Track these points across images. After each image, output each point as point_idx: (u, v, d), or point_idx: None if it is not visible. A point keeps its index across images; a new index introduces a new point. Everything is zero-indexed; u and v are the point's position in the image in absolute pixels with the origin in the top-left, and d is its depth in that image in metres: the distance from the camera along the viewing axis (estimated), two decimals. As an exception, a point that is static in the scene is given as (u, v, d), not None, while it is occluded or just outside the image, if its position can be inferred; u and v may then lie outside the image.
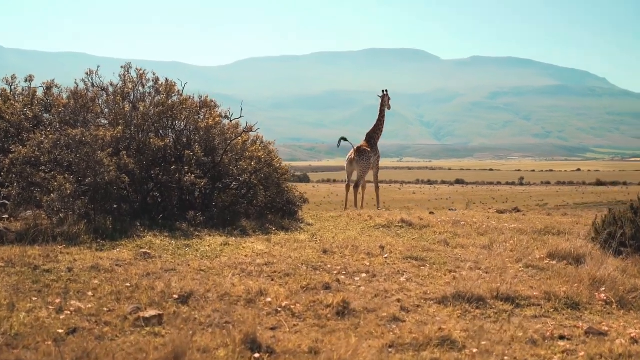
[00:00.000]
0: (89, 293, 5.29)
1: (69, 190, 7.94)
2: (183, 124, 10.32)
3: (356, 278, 6.37)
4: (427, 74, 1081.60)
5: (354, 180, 15.26)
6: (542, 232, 10.17)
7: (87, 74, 10.12)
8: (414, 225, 10.56)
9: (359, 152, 14.91)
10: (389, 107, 16.01)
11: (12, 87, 10.21)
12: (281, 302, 5.27)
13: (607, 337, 4.70)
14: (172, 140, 10.03)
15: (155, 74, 10.40)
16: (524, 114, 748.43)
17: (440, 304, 5.51)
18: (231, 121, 11.05)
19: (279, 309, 5.13)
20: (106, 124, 9.84)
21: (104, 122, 9.93)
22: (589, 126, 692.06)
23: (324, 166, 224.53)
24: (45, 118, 9.61)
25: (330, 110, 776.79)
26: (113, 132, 9.12)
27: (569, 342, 4.57)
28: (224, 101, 11.52)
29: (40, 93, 9.98)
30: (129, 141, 9.57)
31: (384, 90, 16.05)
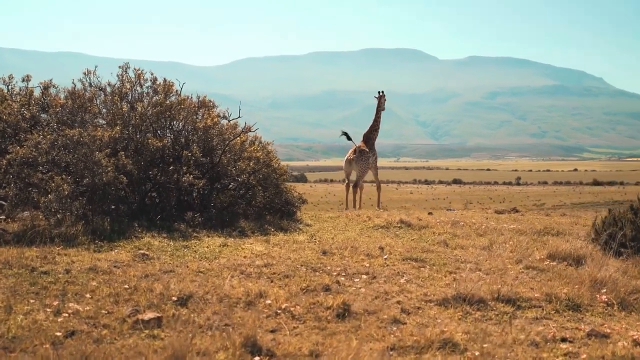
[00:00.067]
0: (87, 295, 5.24)
1: (66, 191, 7.89)
2: (181, 124, 10.26)
3: (356, 279, 6.34)
4: (425, 73, 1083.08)
5: (353, 180, 15.38)
6: (542, 233, 10.15)
7: (84, 74, 10.05)
8: (412, 226, 10.56)
9: (358, 152, 15.13)
10: (383, 108, 16.19)
11: (9, 87, 10.13)
12: (281, 304, 5.23)
13: (609, 339, 4.66)
14: (170, 140, 9.97)
15: (153, 74, 10.34)
16: (520, 113, 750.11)
17: (441, 305, 5.48)
18: (229, 121, 11.00)
19: (278, 311, 5.09)
20: (104, 124, 9.79)
21: (101, 122, 9.87)
22: (585, 126, 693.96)
23: (321, 166, 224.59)
24: (42, 118, 9.54)
25: (329, 110, 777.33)
26: (111, 132, 9.07)
27: (571, 345, 4.54)
28: (221, 101, 11.48)
29: (37, 93, 9.91)
30: (126, 141, 9.52)
31: (381, 92, 16.20)
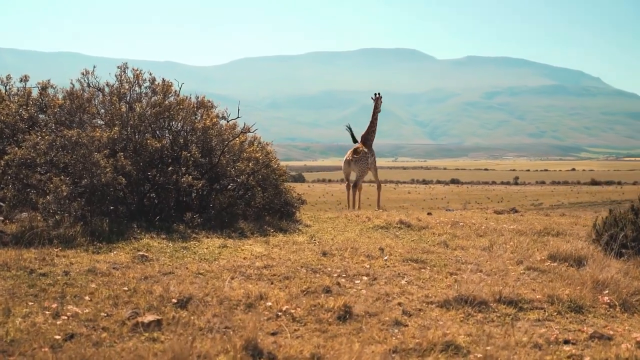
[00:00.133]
0: (86, 297, 5.20)
1: (65, 192, 7.84)
2: (180, 124, 10.21)
3: (356, 281, 6.30)
4: (423, 73, 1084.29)
5: (352, 180, 15.47)
6: (542, 233, 10.12)
7: (82, 74, 10.00)
8: (412, 227, 10.54)
9: (357, 153, 15.30)
10: (379, 109, 16.38)
11: (7, 88, 10.08)
12: (281, 307, 5.18)
13: (613, 341, 4.64)
14: (169, 141, 9.92)
15: (151, 74, 10.30)
16: (518, 113, 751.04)
17: (443, 307, 5.45)
18: (228, 122, 10.95)
19: (279, 314, 5.05)
20: (102, 124, 9.74)
21: (100, 123, 9.82)
22: (583, 126, 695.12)
23: (319, 166, 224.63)
24: (40, 119, 9.49)
25: (326, 110, 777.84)
26: (109, 133, 9.03)
27: (574, 347, 4.51)
28: (219, 101, 11.43)
29: (35, 93, 9.85)
30: (125, 142, 9.47)
31: (377, 94, 16.36)
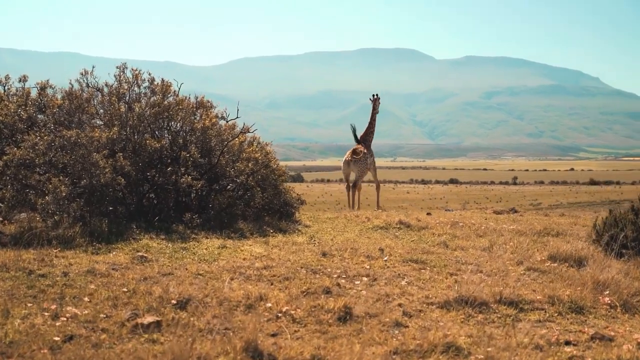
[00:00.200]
0: (85, 298, 5.18)
1: (64, 193, 7.82)
2: (179, 124, 10.18)
3: (356, 282, 6.28)
4: (422, 73, 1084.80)
5: (352, 180, 15.54)
6: (542, 234, 10.11)
7: (81, 74, 9.96)
8: (412, 227, 10.52)
9: (356, 153, 15.36)
10: (377, 111, 16.50)
11: (6, 88, 10.04)
12: (281, 308, 5.17)
13: (614, 342, 4.62)
14: (168, 141, 9.89)
15: (150, 74, 10.27)
16: (517, 113, 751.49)
17: (443, 308, 5.43)
18: (228, 122, 10.92)
19: (279, 315, 5.03)
20: (101, 125, 9.71)
21: (99, 123, 9.79)
22: (582, 126, 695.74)
23: (318, 166, 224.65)
24: (39, 119, 9.45)
25: (325, 110, 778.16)
26: (108, 133, 9.00)
27: (575, 348, 4.50)
28: (218, 101, 11.41)
29: (34, 93, 9.81)
30: (124, 142, 9.44)
31: (375, 95, 16.50)
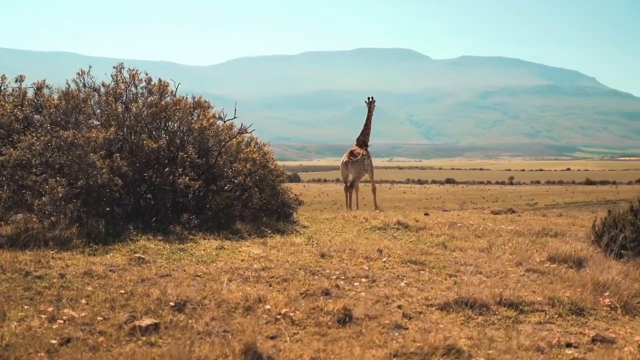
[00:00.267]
0: (82, 300, 5.13)
1: (60, 194, 7.76)
2: (176, 125, 10.13)
3: (355, 283, 6.25)
4: (418, 73, 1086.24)
5: (350, 180, 15.65)
6: (540, 234, 10.09)
7: (78, 74, 9.89)
8: (410, 227, 10.49)
9: (353, 155, 15.60)
10: (372, 113, 16.70)
11: (2, 88, 9.97)
12: (280, 310, 5.12)
13: (615, 344, 4.60)
14: (165, 141, 9.82)
15: (147, 74, 10.21)
16: (513, 113, 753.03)
17: (443, 310, 5.39)
18: (225, 122, 10.87)
19: (278, 317, 4.99)
20: (98, 125, 9.65)
21: (95, 123, 9.72)
22: (578, 125, 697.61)
23: (314, 165, 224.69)
24: (36, 119, 9.38)
25: (321, 109, 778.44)
26: (105, 133, 8.94)
27: (576, 350, 4.47)
28: (215, 101, 11.36)
29: (30, 94, 9.74)
30: (121, 143, 9.38)
31: (370, 98, 16.67)
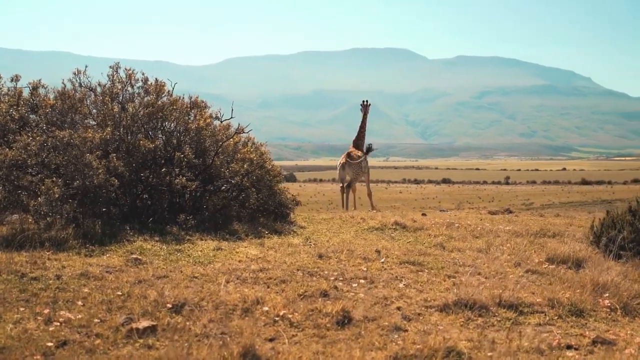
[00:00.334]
0: (79, 302, 5.08)
1: (56, 194, 7.70)
2: (173, 125, 10.08)
3: (354, 284, 6.21)
4: (414, 73, 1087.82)
5: (347, 181, 15.85)
6: (538, 235, 10.09)
7: (74, 73, 9.83)
8: (407, 228, 10.47)
9: (350, 157, 15.84)
10: (367, 117, 16.89)
11: (-2, 87, 9.90)
12: (279, 311, 5.08)
13: (616, 346, 4.57)
14: (162, 142, 9.77)
15: (144, 74, 10.16)
16: (509, 113, 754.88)
17: (442, 311, 5.36)
18: (222, 122, 10.82)
19: (276, 319, 4.95)
20: (94, 125, 9.59)
21: (92, 123, 9.66)
22: (574, 125, 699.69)
23: (310, 165, 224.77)
24: (31, 119, 9.31)
25: (317, 109, 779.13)
26: (102, 133, 8.88)
27: (576, 352, 4.44)
28: (211, 101, 11.32)
29: (26, 93, 9.67)
30: (118, 143, 9.33)
31: (365, 101, 16.91)
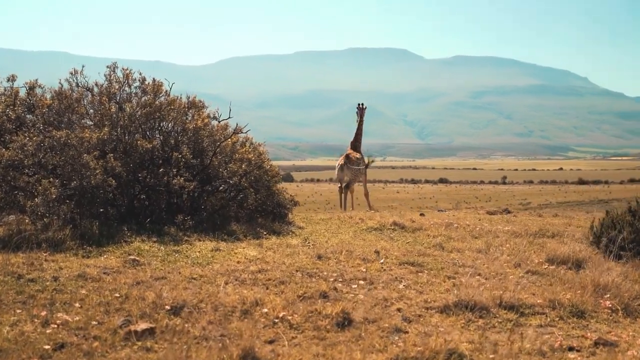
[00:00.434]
0: (76, 304, 5.03)
1: (53, 195, 7.64)
2: (171, 125, 10.02)
3: (353, 285, 6.17)
4: (411, 73, 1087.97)
5: (345, 181, 15.84)
6: (537, 235, 10.06)
7: (71, 73, 9.76)
8: (406, 228, 10.43)
9: (348, 159, 15.98)
10: (363, 119, 16.99)
11: (-6, 88, 9.83)
12: (278, 313, 5.04)
13: (618, 348, 4.53)
14: (159, 142, 9.71)
15: (141, 74, 10.10)
16: (506, 113, 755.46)
17: (442, 313, 5.32)
18: (220, 122, 10.76)
19: (276, 321, 4.91)
20: (91, 125, 9.52)
21: (89, 123, 9.60)
22: (571, 125, 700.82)
23: (307, 165, 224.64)
24: (28, 119, 9.24)
25: (314, 109, 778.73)
26: (99, 134, 8.82)
27: (578, 354, 4.41)
28: (208, 101, 11.26)
29: (23, 93, 9.60)
30: (115, 143, 9.27)
31: (361, 104, 17.01)
